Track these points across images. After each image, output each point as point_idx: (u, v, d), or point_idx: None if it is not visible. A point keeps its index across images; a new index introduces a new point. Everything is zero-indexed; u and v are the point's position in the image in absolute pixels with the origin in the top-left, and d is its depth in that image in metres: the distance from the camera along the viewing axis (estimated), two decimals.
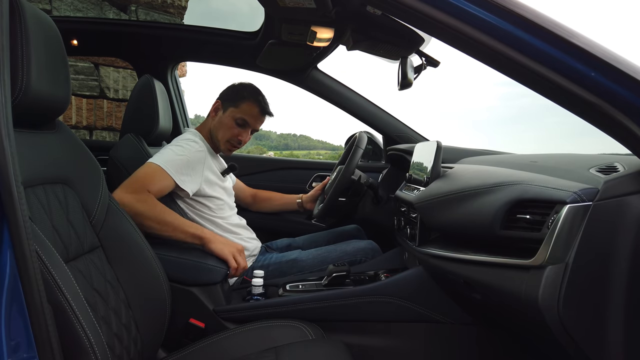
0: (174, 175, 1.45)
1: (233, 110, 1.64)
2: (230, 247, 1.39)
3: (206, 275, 1.33)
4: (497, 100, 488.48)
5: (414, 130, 2.19)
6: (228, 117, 1.64)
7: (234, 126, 1.64)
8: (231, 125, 1.64)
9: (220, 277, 1.35)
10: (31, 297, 0.61)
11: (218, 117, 1.67)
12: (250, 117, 1.65)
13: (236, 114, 1.64)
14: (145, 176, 1.41)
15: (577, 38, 0.73)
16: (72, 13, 2.44)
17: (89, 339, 0.75)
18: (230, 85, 1.73)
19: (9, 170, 0.60)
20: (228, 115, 1.64)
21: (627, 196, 0.76)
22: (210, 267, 1.33)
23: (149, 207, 1.34)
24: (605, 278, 0.77)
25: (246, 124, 1.65)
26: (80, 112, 2.49)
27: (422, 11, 0.77)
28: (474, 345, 1.32)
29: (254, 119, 1.66)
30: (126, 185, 1.37)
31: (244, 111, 1.64)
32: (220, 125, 1.66)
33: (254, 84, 1.72)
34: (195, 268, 1.32)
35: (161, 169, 1.43)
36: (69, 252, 0.90)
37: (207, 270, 1.33)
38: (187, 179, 1.49)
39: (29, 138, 0.90)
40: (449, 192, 1.14)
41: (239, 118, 1.64)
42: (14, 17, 0.80)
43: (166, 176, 1.43)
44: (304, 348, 1.10)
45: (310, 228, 2.11)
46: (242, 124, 1.65)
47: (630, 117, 0.71)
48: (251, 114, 1.65)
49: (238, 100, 1.65)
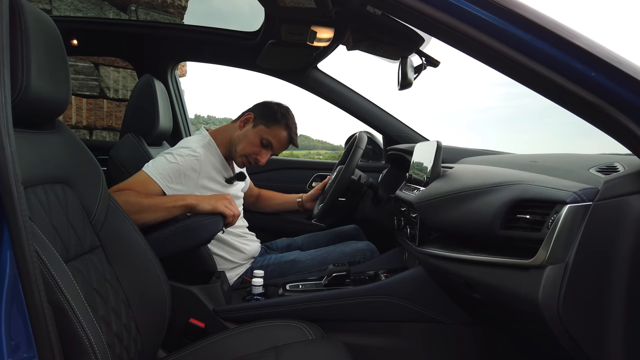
0: (161, 183, 1.42)
1: (263, 129, 1.61)
2: (219, 200, 1.37)
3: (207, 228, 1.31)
4: (497, 100, 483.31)
5: (414, 130, 2.19)
6: (255, 133, 1.61)
7: (257, 145, 1.61)
8: (255, 143, 1.61)
9: (220, 225, 1.33)
10: (31, 297, 0.61)
11: (246, 129, 1.63)
12: (277, 142, 1.63)
13: (264, 134, 1.60)
14: (133, 182, 1.41)
15: (577, 38, 0.73)
16: (72, 13, 2.44)
17: (89, 338, 0.75)
18: (267, 101, 1.69)
19: (9, 170, 0.60)
20: (256, 132, 1.61)
21: (627, 196, 0.76)
22: (203, 223, 1.31)
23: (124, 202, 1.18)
24: (605, 278, 0.77)
25: (270, 146, 1.62)
26: (80, 112, 2.49)
27: (422, 11, 0.77)
28: (473, 345, 1.32)
29: (280, 145, 1.64)
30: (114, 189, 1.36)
31: (273, 134, 1.61)
32: (244, 138, 1.62)
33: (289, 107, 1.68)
34: (192, 230, 1.30)
35: (148, 177, 1.42)
36: (69, 252, 0.90)
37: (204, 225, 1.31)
38: (178, 187, 1.46)
39: (29, 138, 0.90)
40: (449, 192, 1.14)
41: (266, 139, 1.60)
42: (14, 17, 0.80)
43: (154, 184, 1.42)
44: (304, 348, 1.10)
45: (310, 228, 2.11)
46: (266, 145, 1.62)
47: (630, 117, 0.71)
48: (279, 138, 1.62)
49: (271, 121, 1.61)
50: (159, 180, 1.42)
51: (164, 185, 1.43)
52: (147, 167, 1.45)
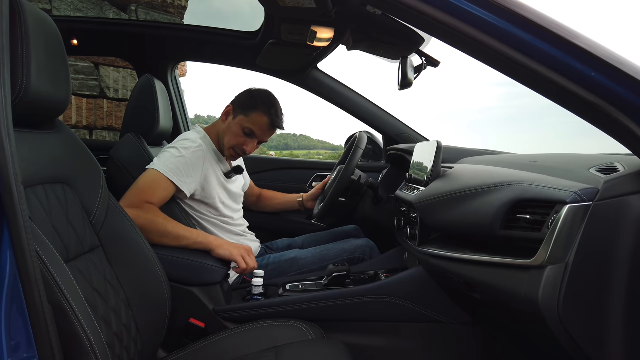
0: (174, 178, 1.43)
1: (242, 119, 1.59)
2: (238, 250, 1.38)
3: (207, 275, 1.33)
4: (497, 100, 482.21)
5: (414, 130, 2.19)
6: (237, 124, 1.60)
7: (241, 135, 1.60)
8: (238, 134, 1.60)
9: (220, 277, 1.35)
10: (31, 297, 0.61)
11: (228, 122, 1.63)
12: (259, 129, 1.60)
13: (244, 123, 1.59)
14: (144, 187, 1.40)
15: (577, 38, 0.73)
16: (73, 13, 2.44)
17: (89, 338, 0.75)
18: (246, 90, 1.67)
19: (9, 170, 0.60)
20: (237, 123, 1.60)
21: (627, 196, 0.76)
22: (210, 267, 1.33)
23: (149, 221, 1.32)
24: (605, 278, 0.77)
25: (253, 134, 1.60)
26: (81, 112, 2.49)
27: (422, 11, 0.77)
28: (473, 345, 1.32)
29: (262, 131, 1.61)
30: (128, 199, 1.37)
31: (253, 121, 1.59)
32: (228, 131, 1.61)
33: (270, 91, 1.65)
34: (196, 268, 1.32)
35: (160, 174, 1.42)
36: (69, 251, 0.90)
37: (207, 271, 1.33)
38: (188, 180, 1.48)
39: (29, 138, 0.90)
40: (449, 192, 1.14)
41: (247, 128, 1.59)
42: (14, 17, 0.80)
43: (166, 181, 1.43)
44: (304, 348, 1.10)
45: (310, 228, 2.11)
46: (249, 134, 1.60)
47: (630, 117, 0.71)
48: (260, 125, 1.59)
49: (249, 109, 1.59)
50: (171, 176, 1.43)
51: (176, 180, 1.44)
52: (155, 165, 1.45)
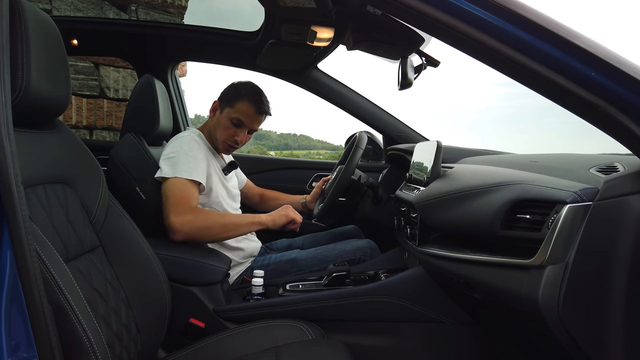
0: (198, 178, 1.50)
1: (229, 111, 1.63)
2: (286, 213, 1.60)
3: (207, 275, 1.34)
4: (497, 100, 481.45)
5: (414, 130, 2.18)
6: (224, 117, 1.63)
7: (230, 126, 1.63)
8: (227, 126, 1.63)
9: (220, 277, 1.35)
10: (31, 297, 0.61)
11: (216, 117, 1.67)
12: (246, 117, 1.62)
13: (232, 114, 1.62)
14: (181, 195, 1.45)
15: (577, 38, 0.73)
16: (73, 13, 2.44)
17: (89, 338, 0.75)
18: (230, 84, 1.71)
19: (9, 170, 0.60)
20: (224, 116, 1.63)
21: (627, 196, 0.76)
22: (210, 267, 1.34)
23: (208, 220, 1.45)
24: (605, 278, 0.77)
25: (242, 124, 1.63)
26: (80, 112, 2.49)
27: (422, 11, 0.77)
28: (473, 345, 1.32)
29: (249, 119, 1.63)
30: (175, 210, 1.41)
31: (239, 111, 1.62)
32: (217, 125, 1.65)
33: (253, 82, 1.69)
34: (196, 268, 1.33)
35: (187, 180, 1.47)
36: (69, 251, 0.90)
37: (207, 270, 1.33)
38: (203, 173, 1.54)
39: (29, 138, 0.90)
40: (449, 192, 1.14)
41: (235, 118, 1.62)
42: (14, 17, 0.80)
43: (195, 184, 1.49)
44: (303, 348, 1.10)
45: (310, 228, 2.11)
46: (237, 124, 1.63)
47: (630, 117, 0.71)
48: (247, 113, 1.62)
49: (234, 100, 1.63)
50: (196, 177, 1.49)
51: (200, 177, 1.51)
52: (175, 172, 1.47)
